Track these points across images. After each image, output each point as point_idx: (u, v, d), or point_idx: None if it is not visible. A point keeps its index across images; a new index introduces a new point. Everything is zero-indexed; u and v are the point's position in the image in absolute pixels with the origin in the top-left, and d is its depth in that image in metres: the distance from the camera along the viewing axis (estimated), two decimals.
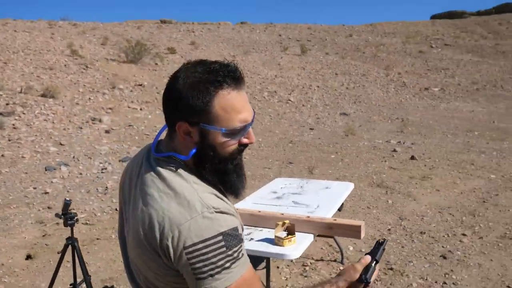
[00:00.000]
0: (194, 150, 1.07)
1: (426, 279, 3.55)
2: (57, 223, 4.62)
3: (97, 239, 4.28)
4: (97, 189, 5.87)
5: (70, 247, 2.48)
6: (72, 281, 2.63)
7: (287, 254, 2.31)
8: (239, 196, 1.16)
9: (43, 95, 10.97)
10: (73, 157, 7.37)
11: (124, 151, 8.14)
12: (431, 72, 23.79)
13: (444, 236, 4.54)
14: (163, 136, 1.20)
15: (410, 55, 27.40)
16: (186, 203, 0.99)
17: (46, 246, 4.10)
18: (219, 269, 0.96)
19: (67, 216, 2.39)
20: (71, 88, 12.30)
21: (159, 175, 1.06)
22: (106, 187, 5.93)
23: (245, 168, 1.18)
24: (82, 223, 4.62)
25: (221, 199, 1.07)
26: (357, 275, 1.20)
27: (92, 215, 4.91)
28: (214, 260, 0.96)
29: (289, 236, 2.35)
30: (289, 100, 15.84)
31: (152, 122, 10.66)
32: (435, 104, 17.37)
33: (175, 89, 1.05)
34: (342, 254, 3.90)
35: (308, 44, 28.45)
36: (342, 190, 3.54)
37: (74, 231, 2.51)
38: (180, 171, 1.07)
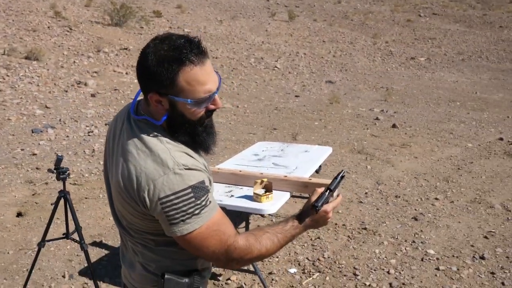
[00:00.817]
0: (165, 117, 1.21)
1: (397, 238, 3.79)
2: (46, 183, 4.75)
3: (86, 198, 4.43)
4: (84, 151, 5.98)
5: (62, 199, 2.62)
6: (64, 231, 2.79)
7: (264, 209, 2.49)
8: (209, 151, 1.30)
9: (27, 58, 10.84)
10: (60, 120, 7.42)
11: (110, 115, 8.18)
12: (418, 42, 23.85)
13: (417, 200, 4.78)
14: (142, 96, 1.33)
15: (398, 24, 27.33)
16: (160, 161, 1.15)
17: (36, 204, 4.24)
18: (189, 215, 1.14)
19: (60, 171, 2.52)
20: (55, 50, 12.15)
21: (137, 135, 1.21)
22: (93, 150, 6.04)
23: (214, 127, 1.32)
24: (71, 183, 4.75)
25: (191, 156, 1.21)
26: (310, 205, 1.35)
27: (80, 176, 5.05)
28: (184, 208, 1.13)
29: (267, 193, 2.53)
30: (276, 67, 15.84)
31: (137, 86, 10.59)
32: (420, 74, 17.53)
33: (145, 66, 1.17)
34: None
35: (296, 10, 28.14)
36: (321, 153, 3.72)
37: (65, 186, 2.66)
38: (155, 132, 1.21)
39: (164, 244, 1.27)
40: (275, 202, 2.53)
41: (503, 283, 3.19)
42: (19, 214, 4.03)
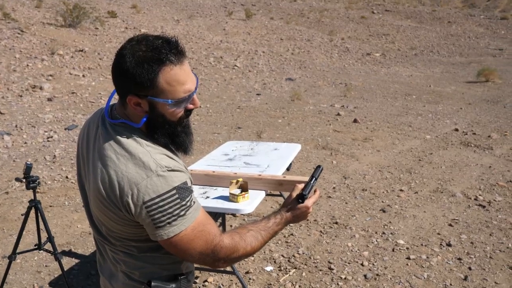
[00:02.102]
0: (144, 119, 1.18)
1: (367, 231, 3.88)
2: (7, 192, 4.55)
3: (50, 206, 4.27)
4: (44, 157, 5.76)
5: (33, 209, 2.52)
6: (33, 242, 2.68)
7: (241, 209, 2.48)
8: (188, 152, 1.30)
9: None
10: (16, 126, 7.11)
11: (69, 119, 7.93)
12: (372, 38, 24.48)
13: (383, 192, 4.91)
14: (114, 100, 1.30)
15: (352, 21, 27.94)
16: (142, 164, 1.12)
17: None
18: (175, 217, 1.12)
19: (29, 179, 2.42)
20: (6, 54, 11.64)
21: (115, 139, 1.17)
22: (54, 156, 5.83)
23: (191, 127, 1.32)
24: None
25: (172, 158, 1.20)
26: (293, 199, 1.39)
27: (43, 184, 4.85)
28: (170, 210, 1.11)
29: (243, 193, 2.52)
30: (235, 65, 15.84)
31: (96, 89, 10.37)
32: (377, 69, 17.99)
33: (122, 68, 1.14)
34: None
35: (253, 9, 28.23)
36: (290, 150, 3.74)
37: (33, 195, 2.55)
38: (134, 135, 1.18)
39: (148, 250, 1.25)
40: (251, 202, 2.53)
41: (469, 268, 3.33)
42: None
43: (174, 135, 1.23)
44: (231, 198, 2.51)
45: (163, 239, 1.14)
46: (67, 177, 5.08)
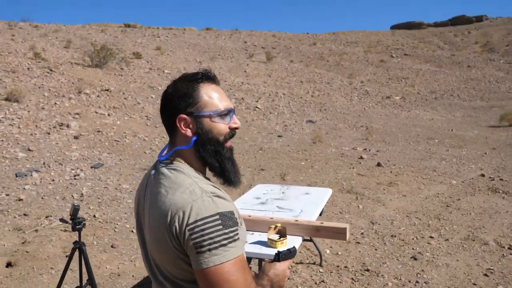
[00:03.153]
0: (194, 138, 1.25)
1: (400, 279, 3.78)
2: (36, 230, 4.58)
3: None
4: (72, 195, 5.83)
5: (77, 251, 2.53)
6: (78, 283, 2.68)
7: None
8: (237, 184, 1.32)
9: (7, 99, 10.68)
10: (44, 163, 7.25)
11: (95, 157, 8.06)
12: (392, 81, 24.65)
13: (413, 239, 4.81)
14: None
15: (372, 64, 28.27)
16: (188, 191, 1.15)
17: (26, 253, 4.06)
18: (216, 245, 1.09)
19: (76, 221, 2.44)
20: (36, 92, 12.03)
21: (164, 174, 1.22)
22: (82, 194, 5.90)
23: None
24: (61, 230, 4.60)
25: (218, 188, 1.22)
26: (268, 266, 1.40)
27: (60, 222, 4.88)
28: (212, 235, 1.09)
29: (282, 239, 2.49)
30: (257, 107, 16.05)
31: (121, 128, 10.58)
32: (397, 112, 18.02)
33: (167, 95, 1.28)
34: (321, 257, 4.08)
35: (273, 52, 28.86)
36: (322, 195, 3.72)
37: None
38: (182, 168, 1.23)
39: None
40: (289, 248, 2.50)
41: None
42: (8, 265, 3.85)
43: (221, 156, 1.28)
44: (269, 243, 2.49)
45: (201, 268, 1.10)
46: (94, 216, 5.12)
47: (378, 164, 8.65)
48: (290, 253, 1.46)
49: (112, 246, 4.30)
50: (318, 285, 3.64)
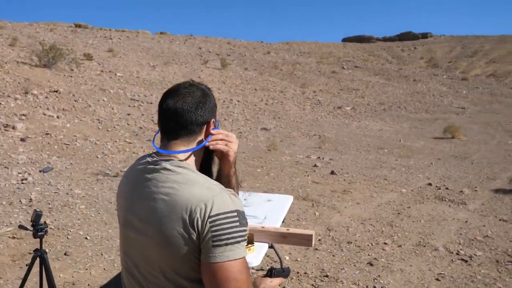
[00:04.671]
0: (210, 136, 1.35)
1: (358, 284, 3.87)
2: None
3: (29, 253, 4.07)
4: (20, 200, 5.54)
5: (38, 259, 2.39)
6: None
7: (249, 262, 2.43)
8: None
9: None
10: None
11: (44, 160, 7.72)
12: (343, 92, 25.34)
13: (368, 245, 4.94)
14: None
15: (324, 75, 28.95)
16: (205, 188, 1.18)
17: None
18: (233, 241, 1.14)
19: (37, 228, 2.31)
20: None
21: (172, 171, 1.23)
22: (30, 199, 5.62)
23: None
24: (9, 237, 4.36)
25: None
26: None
27: (21, 229, 4.64)
28: (230, 231, 1.14)
29: (249, 245, 2.49)
30: None
31: (71, 131, 10.20)
32: (348, 122, 18.51)
33: (202, 98, 1.33)
34: (281, 263, 4.10)
35: (228, 59, 28.92)
36: (284, 202, 3.75)
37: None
38: (189, 167, 1.26)
39: None
40: (257, 255, 2.50)
41: None
42: None
43: (213, 159, 1.44)
44: None
45: (214, 262, 1.12)
46: (45, 222, 4.88)
47: (332, 172, 8.84)
48: (283, 272, 1.54)
49: (65, 254, 4.13)
50: None
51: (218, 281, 1.12)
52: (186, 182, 1.19)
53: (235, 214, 1.16)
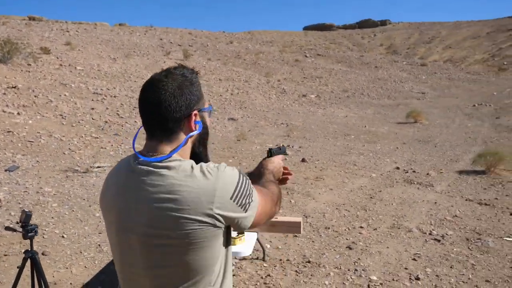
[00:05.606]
0: (199, 129, 1.26)
1: (340, 268, 3.96)
2: None
3: (5, 255, 3.93)
4: None
5: (29, 261, 2.31)
6: None
7: (240, 251, 2.46)
8: None
9: None
10: None
11: (9, 159, 7.44)
12: (307, 80, 25.56)
13: (345, 230, 5.05)
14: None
15: (287, 64, 29.09)
16: (206, 174, 1.16)
17: None
18: (251, 195, 1.22)
19: (28, 228, 2.22)
20: None
21: (168, 167, 1.17)
22: None
23: None
24: None
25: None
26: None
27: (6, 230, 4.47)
28: (247, 192, 1.21)
29: (239, 235, 2.51)
30: None
31: (34, 128, 9.85)
32: (314, 110, 18.73)
33: (183, 86, 1.22)
34: (264, 252, 4.14)
35: (190, 49, 28.58)
36: None
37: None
38: (181, 158, 1.21)
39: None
40: (248, 243, 2.52)
41: None
42: None
43: (206, 147, 1.35)
44: None
45: (254, 219, 1.23)
46: (17, 222, 4.73)
47: (303, 160, 8.95)
48: (280, 150, 1.66)
49: (43, 254, 4.01)
50: (265, 279, 3.70)
51: (266, 218, 1.31)
52: (183, 178, 1.15)
53: (241, 176, 1.21)
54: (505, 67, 35.97)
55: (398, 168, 8.58)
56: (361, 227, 5.16)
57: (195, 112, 1.24)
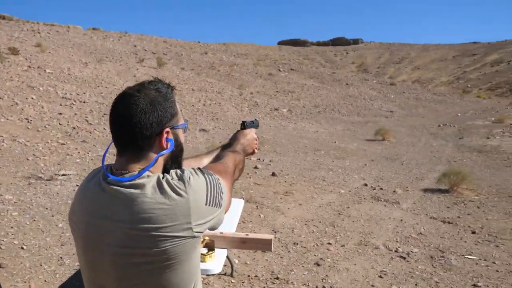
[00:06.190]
0: (171, 148, 1.23)
1: (308, 285, 3.95)
2: None
3: None
4: None
5: None
6: None
7: (210, 269, 2.42)
8: None
9: None
10: None
11: None
12: (279, 94, 25.78)
13: (313, 246, 5.06)
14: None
15: (261, 77, 29.28)
16: (176, 186, 1.15)
17: None
18: (221, 188, 1.25)
19: None
20: None
21: (136, 186, 1.15)
22: None
23: None
24: None
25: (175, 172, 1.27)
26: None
27: None
28: (217, 191, 1.22)
29: (210, 252, 2.47)
30: None
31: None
32: (285, 124, 18.86)
33: (155, 102, 1.18)
34: (232, 268, 4.10)
35: (164, 58, 28.40)
36: (236, 205, 3.74)
37: None
38: (147, 174, 1.18)
39: None
40: (218, 260, 2.48)
41: None
42: None
43: (180, 164, 1.31)
44: None
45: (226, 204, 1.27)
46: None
47: (273, 174, 8.96)
48: (253, 124, 1.77)
49: (0, 266, 3.85)
50: None
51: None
52: (155, 195, 1.12)
53: (207, 178, 1.21)
54: (469, 90, 37.32)
55: (366, 184, 8.70)
56: (329, 243, 5.18)
57: (167, 129, 1.21)
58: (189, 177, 1.17)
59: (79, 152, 9.15)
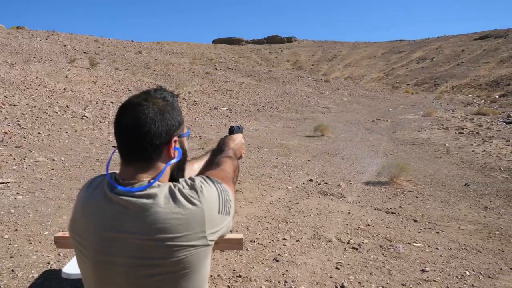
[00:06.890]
0: (179, 156, 1.26)
1: (271, 281, 4.03)
2: None
3: None
4: None
5: None
6: None
7: None
8: None
9: None
10: None
11: None
12: (218, 93, 25.75)
13: (270, 242, 5.16)
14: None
15: (198, 76, 29.07)
16: (187, 196, 1.16)
17: None
18: (230, 197, 1.29)
19: None
20: None
21: (148, 196, 1.15)
22: None
23: None
24: None
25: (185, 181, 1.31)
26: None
27: None
28: (226, 199, 1.26)
29: None
30: (85, 116, 15.02)
31: None
32: (225, 122, 18.88)
33: (164, 111, 1.19)
34: None
35: (97, 58, 27.40)
36: None
37: None
38: (161, 184, 1.19)
39: None
40: None
41: None
42: None
43: (183, 171, 1.35)
44: None
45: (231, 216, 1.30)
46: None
47: None
48: (239, 129, 1.89)
49: None
50: None
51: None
52: (168, 205, 1.12)
53: (218, 188, 1.24)
54: (398, 85, 39.40)
55: (311, 180, 8.95)
56: (284, 239, 5.30)
57: (175, 138, 1.22)
58: (201, 186, 1.18)
59: (14, 159, 8.64)
